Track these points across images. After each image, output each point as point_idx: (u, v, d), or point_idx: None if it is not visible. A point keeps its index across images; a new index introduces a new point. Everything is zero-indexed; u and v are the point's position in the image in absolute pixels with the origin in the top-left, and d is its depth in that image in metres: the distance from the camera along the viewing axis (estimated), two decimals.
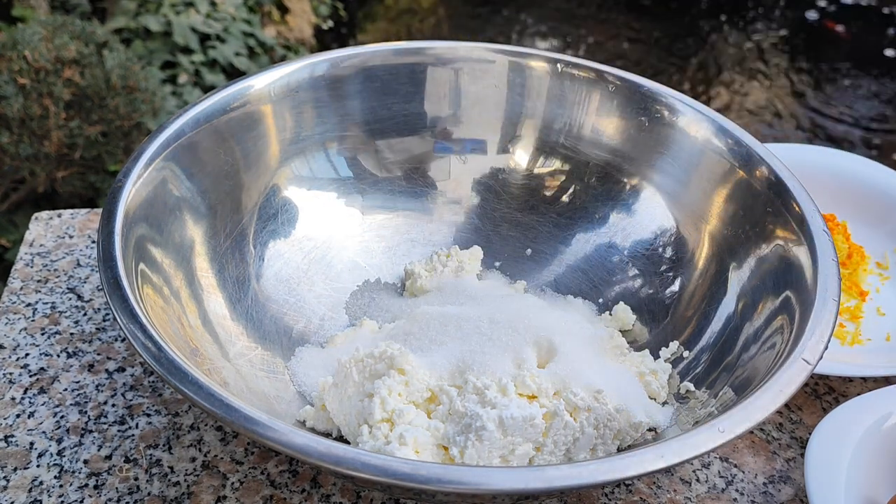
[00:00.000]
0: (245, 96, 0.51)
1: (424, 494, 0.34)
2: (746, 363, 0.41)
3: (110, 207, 0.41)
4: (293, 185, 0.53)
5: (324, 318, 0.51)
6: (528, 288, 0.54)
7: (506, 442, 0.38)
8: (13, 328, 0.50)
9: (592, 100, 0.55)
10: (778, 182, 0.46)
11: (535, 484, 0.30)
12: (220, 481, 0.42)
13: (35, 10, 1.96)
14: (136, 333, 0.35)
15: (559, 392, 0.42)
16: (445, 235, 0.57)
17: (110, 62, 1.44)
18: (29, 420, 0.45)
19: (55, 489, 0.41)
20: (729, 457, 0.46)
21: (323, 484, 0.42)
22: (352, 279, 0.54)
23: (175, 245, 0.45)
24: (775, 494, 0.44)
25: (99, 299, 0.53)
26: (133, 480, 0.42)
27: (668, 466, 0.32)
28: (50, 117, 1.34)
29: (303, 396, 0.45)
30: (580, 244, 0.55)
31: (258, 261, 0.51)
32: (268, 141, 0.52)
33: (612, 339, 0.48)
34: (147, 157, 0.45)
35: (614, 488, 0.43)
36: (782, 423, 0.48)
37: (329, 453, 0.31)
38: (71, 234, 0.58)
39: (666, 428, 0.43)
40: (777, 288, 0.43)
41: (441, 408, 0.41)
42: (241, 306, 0.48)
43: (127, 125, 1.45)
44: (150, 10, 2.11)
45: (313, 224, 0.54)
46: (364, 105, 0.55)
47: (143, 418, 0.45)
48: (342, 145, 0.55)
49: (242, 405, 0.32)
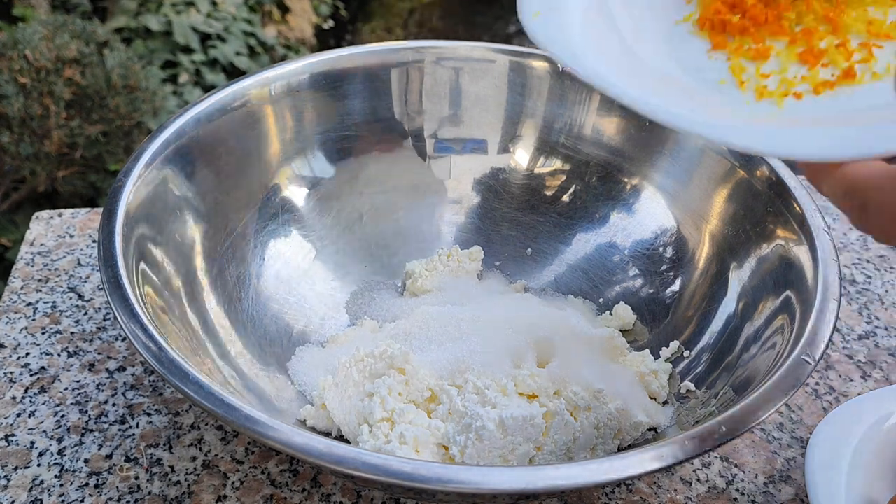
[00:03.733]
0: (245, 96, 0.51)
1: (425, 494, 0.34)
2: (747, 363, 0.41)
3: (111, 207, 0.41)
4: (294, 185, 0.53)
5: (324, 318, 0.51)
6: (529, 288, 0.54)
7: (506, 442, 0.38)
8: (14, 327, 0.50)
9: (593, 99, 0.55)
10: (778, 181, 0.46)
11: (535, 484, 0.30)
12: (220, 481, 0.42)
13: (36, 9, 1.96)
14: (137, 333, 0.35)
15: (559, 391, 0.42)
16: (445, 235, 0.57)
17: (111, 62, 1.44)
18: (29, 419, 0.45)
19: (56, 488, 0.41)
20: (729, 456, 0.46)
21: (323, 483, 0.42)
22: (352, 279, 0.54)
23: (175, 244, 0.45)
24: (776, 494, 0.44)
25: (99, 299, 0.53)
26: (133, 480, 0.42)
27: (668, 466, 0.32)
28: (50, 117, 1.34)
29: (303, 396, 0.45)
30: (581, 244, 0.55)
31: (258, 260, 0.51)
32: (268, 140, 0.53)
33: (613, 338, 0.48)
34: (148, 156, 0.45)
35: (614, 488, 0.43)
36: (782, 423, 0.48)
37: (329, 452, 0.31)
38: (71, 234, 0.58)
39: (666, 428, 0.43)
40: (778, 288, 0.43)
41: (441, 407, 0.41)
42: (241, 306, 0.48)
43: (127, 125, 1.46)
44: (150, 10, 2.12)
45: (313, 223, 0.54)
46: (364, 105, 0.55)
47: (143, 418, 0.45)
48: (342, 145, 0.55)
49: (243, 405, 0.32)
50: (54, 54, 1.35)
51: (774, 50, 0.34)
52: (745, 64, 0.33)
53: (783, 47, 0.34)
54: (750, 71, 0.33)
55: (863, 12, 0.35)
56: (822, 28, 0.34)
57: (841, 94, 0.32)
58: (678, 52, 0.35)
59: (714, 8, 0.35)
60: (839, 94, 0.32)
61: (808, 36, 0.34)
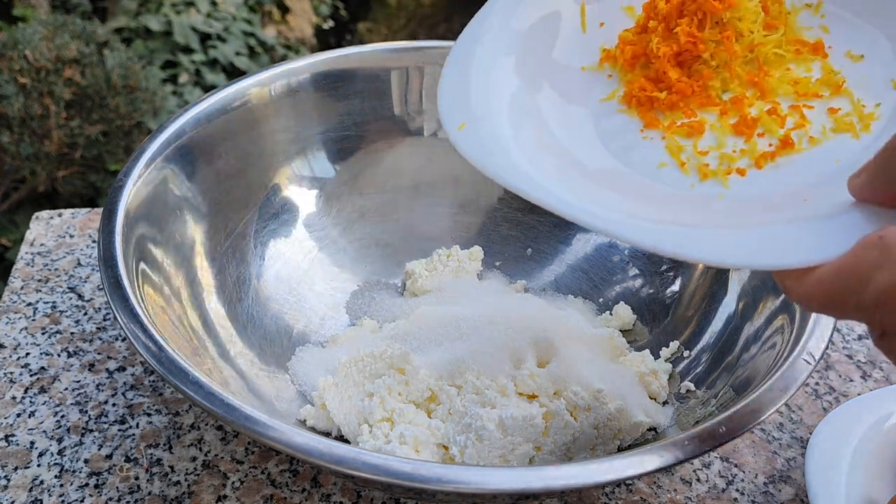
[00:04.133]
0: (245, 96, 0.51)
1: (425, 494, 0.34)
2: (747, 363, 0.41)
3: (111, 207, 0.41)
4: (294, 185, 0.53)
5: (324, 318, 0.51)
6: (529, 288, 0.54)
7: (506, 442, 0.38)
8: (14, 327, 0.50)
9: None
10: None
11: (535, 484, 0.30)
12: (220, 481, 0.42)
13: (36, 9, 1.96)
14: (137, 333, 0.35)
15: (559, 392, 0.42)
16: (445, 235, 0.57)
17: (111, 62, 1.44)
18: (29, 419, 0.45)
19: (56, 488, 0.41)
20: (729, 456, 0.46)
21: (323, 483, 0.42)
22: (352, 279, 0.54)
23: (175, 244, 0.45)
24: (776, 494, 0.44)
25: (99, 299, 0.53)
26: (133, 480, 0.42)
27: (668, 466, 0.32)
28: (50, 117, 1.34)
29: (303, 396, 0.45)
30: (580, 244, 0.55)
31: (258, 260, 0.51)
32: (268, 140, 0.52)
33: (612, 338, 0.48)
34: (148, 156, 0.45)
35: (614, 488, 0.43)
36: (782, 423, 0.48)
37: (329, 452, 0.31)
38: (71, 234, 0.58)
39: (666, 428, 0.43)
40: (778, 288, 0.43)
41: (441, 407, 0.41)
42: (241, 306, 0.48)
43: (127, 125, 1.46)
44: (150, 10, 2.12)
45: (314, 224, 0.54)
46: (364, 105, 0.55)
47: (143, 418, 0.45)
48: (343, 145, 0.55)
49: (243, 405, 0.32)
50: (54, 54, 1.35)
51: (708, 123, 0.33)
52: (682, 142, 0.33)
53: (716, 119, 0.33)
54: (688, 150, 0.32)
55: (786, 72, 0.35)
56: (750, 93, 0.34)
57: (783, 166, 0.31)
58: (612, 137, 0.34)
59: (639, 85, 0.35)
60: (781, 165, 0.31)
61: (739, 104, 0.33)
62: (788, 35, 0.36)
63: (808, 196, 0.29)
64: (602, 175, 0.33)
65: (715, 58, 0.34)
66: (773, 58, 0.35)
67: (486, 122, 0.34)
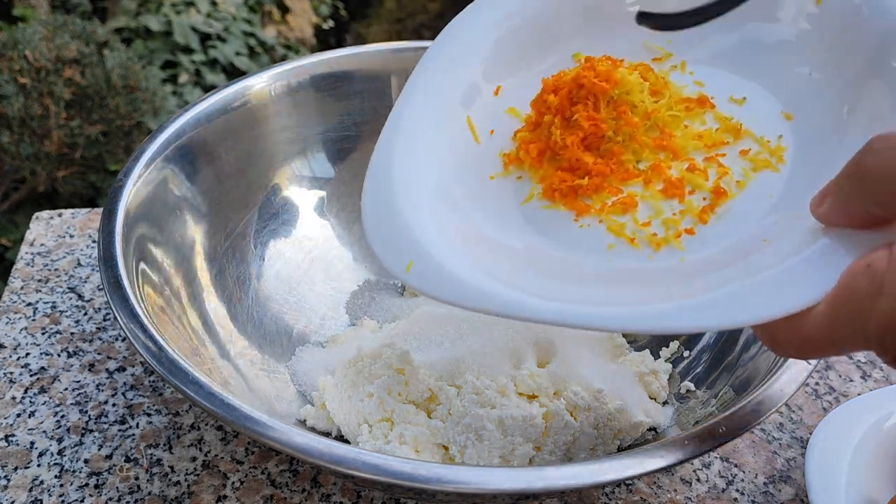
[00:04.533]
0: (245, 96, 0.51)
1: (425, 494, 0.34)
2: (747, 363, 0.41)
3: (111, 207, 0.41)
4: (294, 185, 0.53)
5: (324, 318, 0.51)
6: None
7: (506, 442, 0.38)
8: (14, 328, 0.50)
9: None
10: None
11: (535, 484, 0.30)
12: (220, 481, 0.42)
13: (35, 9, 1.96)
14: (137, 333, 0.35)
15: (559, 392, 0.42)
16: None
17: (111, 62, 1.44)
18: (29, 419, 0.45)
19: (56, 488, 0.41)
20: (729, 456, 0.46)
21: (323, 483, 0.42)
22: (352, 279, 0.54)
23: (175, 244, 0.45)
24: (776, 494, 0.44)
25: (99, 299, 0.53)
26: (133, 480, 0.42)
27: (668, 466, 0.32)
28: (50, 117, 1.34)
29: (303, 396, 0.45)
30: None
31: (258, 260, 0.51)
32: (268, 141, 0.53)
33: (612, 338, 0.48)
34: (148, 156, 0.45)
35: (614, 488, 0.43)
36: (782, 423, 0.48)
37: (329, 452, 0.31)
38: (71, 234, 0.58)
39: (666, 428, 0.43)
40: None
41: (441, 407, 0.41)
42: (241, 306, 0.48)
43: (127, 125, 1.46)
44: (150, 10, 2.12)
45: (314, 224, 0.54)
46: (364, 105, 0.55)
47: (143, 418, 0.45)
48: (343, 145, 0.55)
49: (243, 405, 0.32)
50: (54, 54, 1.35)
51: (637, 195, 0.33)
52: (620, 220, 0.33)
53: (643, 189, 0.34)
54: (629, 225, 0.33)
55: (686, 129, 0.35)
56: (663, 156, 0.34)
57: (724, 215, 0.32)
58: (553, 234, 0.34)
59: (558, 178, 0.35)
60: (722, 215, 0.32)
61: (658, 170, 0.34)
62: (674, 96, 0.37)
63: (766, 236, 0.30)
64: (565, 272, 0.32)
65: (619, 133, 0.35)
66: (669, 119, 0.35)
67: (428, 258, 0.33)
